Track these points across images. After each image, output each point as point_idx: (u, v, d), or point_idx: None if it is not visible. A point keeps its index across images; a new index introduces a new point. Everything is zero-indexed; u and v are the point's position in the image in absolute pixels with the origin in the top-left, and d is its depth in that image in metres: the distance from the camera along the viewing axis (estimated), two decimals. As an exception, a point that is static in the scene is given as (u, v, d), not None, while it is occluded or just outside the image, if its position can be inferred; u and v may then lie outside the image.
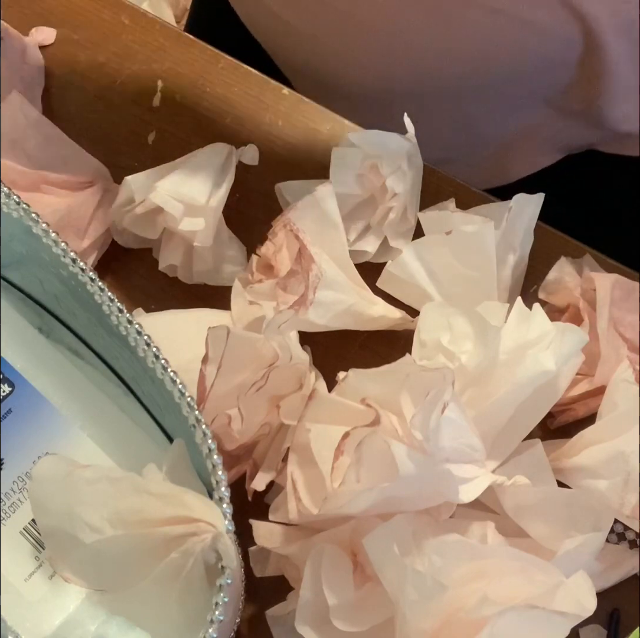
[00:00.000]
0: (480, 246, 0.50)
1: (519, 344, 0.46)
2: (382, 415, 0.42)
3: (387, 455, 0.41)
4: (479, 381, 0.47)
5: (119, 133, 0.60)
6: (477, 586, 0.41)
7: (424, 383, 0.43)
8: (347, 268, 0.53)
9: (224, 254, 0.55)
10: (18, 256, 0.51)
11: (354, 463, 0.42)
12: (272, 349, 0.47)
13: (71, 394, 0.50)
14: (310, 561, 0.44)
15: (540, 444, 0.47)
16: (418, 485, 0.42)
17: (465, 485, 0.44)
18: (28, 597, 0.45)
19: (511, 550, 0.43)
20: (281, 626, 0.48)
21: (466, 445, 0.44)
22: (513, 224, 0.53)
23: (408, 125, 0.55)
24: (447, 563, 0.42)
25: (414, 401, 0.43)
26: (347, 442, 0.43)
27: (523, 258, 0.54)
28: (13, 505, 0.47)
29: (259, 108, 0.60)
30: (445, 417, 0.42)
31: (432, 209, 0.55)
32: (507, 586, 0.42)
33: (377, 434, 0.41)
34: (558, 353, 0.46)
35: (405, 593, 0.41)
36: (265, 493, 0.49)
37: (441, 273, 0.52)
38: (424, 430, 0.42)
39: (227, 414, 0.46)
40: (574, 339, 0.47)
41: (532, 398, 0.47)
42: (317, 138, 0.59)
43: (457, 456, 0.43)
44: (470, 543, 0.43)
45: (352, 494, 0.41)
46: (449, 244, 0.51)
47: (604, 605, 0.47)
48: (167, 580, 0.41)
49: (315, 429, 0.44)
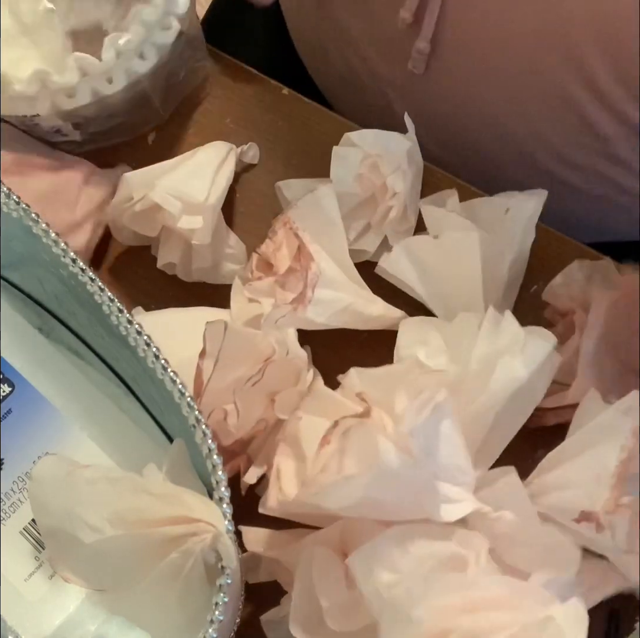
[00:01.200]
0: (466, 251, 0.51)
1: (490, 352, 0.47)
2: (374, 410, 0.42)
3: (372, 447, 0.40)
4: (455, 393, 0.46)
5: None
6: (458, 620, 0.41)
7: (419, 384, 0.43)
8: (347, 267, 0.53)
9: (223, 252, 0.55)
10: (18, 256, 0.51)
11: (338, 452, 0.41)
12: (269, 345, 0.47)
13: (71, 394, 0.50)
14: (301, 564, 0.44)
15: (514, 472, 0.45)
16: (400, 488, 0.42)
17: (449, 504, 0.43)
18: (28, 597, 0.46)
19: (500, 578, 0.43)
20: (276, 630, 0.48)
21: (456, 466, 0.43)
22: (512, 221, 0.53)
23: (408, 124, 0.55)
24: (427, 594, 0.41)
25: (407, 400, 0.43)
26: (335, 431, 0.42)
27: (523, 254, 0.54)
28: (13, 505, 0.47)
29: (259, 108, 0.60)
30: (441, 432, 0.42)
31: (432, 197, 0.55)
32: (491, 619, 0.41)
33: (365, 425, 0.41)
34: (528, 359, 0.46)
35: (382, 620, 0.41)
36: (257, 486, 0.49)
37: (429, 272, 0.52)
38: (411, 426, 0.41)
39: (224, 409, 0.46)
40: (542, 345, 0.47)
41: (511, 405, 0.47)
42: (317, 138, 0.59)
43: (445, 475, 0.43)
44: (456, 574, 0.43)
45: (331, 482, 0.41)
46: (437, 247, 0.51)
47: (604, 606, 0.47)
48: (167, 580, 0.41)
49: (306, 418, 0.44)
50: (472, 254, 0.51)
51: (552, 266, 0.54)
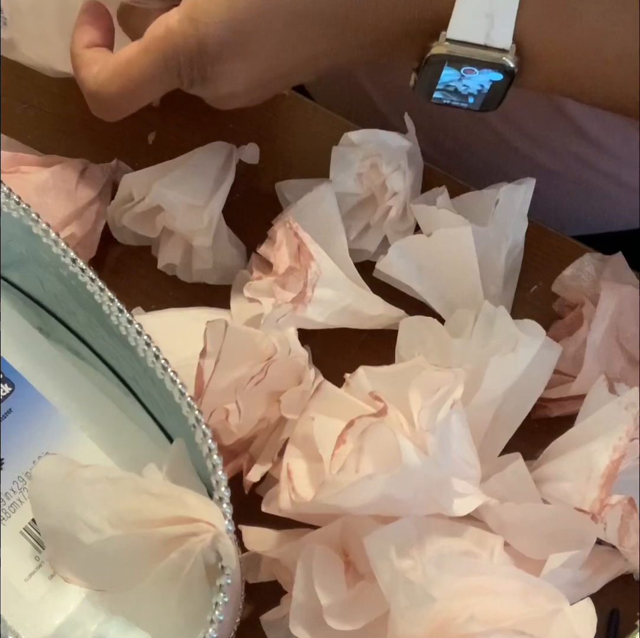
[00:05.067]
0: (460, 246, 0.51)
1: (483, 350, 0.47)
2: (390, 408, 0.42)
3: (391, 445, 0.41)
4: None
5: (119, 133, 0.60)
6: (469, 602, 0.41)
7: (434, 381, 0.43)
8: (347, 267, 0.53)
9: (224, 254, 0.55)
10: (18, 256, 0.51)
11: (356, 451, 0.41)
12: (271, 344, 0.47)
13: (71, 394, 0.50)
14: (301, 562, 0.44)
15: (521, 458, 0.46)
16: (417, 486, 0.42)
17: (459, 499, 0.43)
18: (28, 597, 0.45)
19: (513, 570, 0.43)
20: (277, 630, 0.48)
21: (464, 459, 0.44)
22: (503, 212, 0.53)
23: (408, 124, 0.55)
24: (441, 576, 0.42)
25: (422, 398, 0.43)
26: (351, 431, 0.42)
27: (517, 244, 0.55)
28: (13, 505, 0.47)
29: (259, 108, 0.60)
30: (454, 428, 0.42)
31: (422, 196, 0.55)
32: (501, 605, 0.41)
33: (383, 424, 0.41)
34: (519, 357, 0.46)
35: (396, 599, 0.41)
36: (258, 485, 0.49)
37: (427, 271, 0.52)
38: (430, 424, 0.41)
39: (225, 408, 0.46)
40: (532, 341, 0.47)
41: (509, 401, 0.47)
42: (317, 137, 0.59)
43: (455, 468, 0.43)
44: (470, 559, 0.43)
45: (350, 481, 0.41)
46: (431, 245, 0.51)
47: (604, 605, 0.47)
48: (167, 580, 0.41)
49: (319, 419, 0.44)
50: (467, 248, 0.51)
51: (551, 266, 0.54)
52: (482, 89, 0.48)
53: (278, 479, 0.45)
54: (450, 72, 0.47)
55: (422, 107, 0.54)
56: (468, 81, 0.47)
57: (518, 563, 0.45)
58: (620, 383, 0.47)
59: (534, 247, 0.55)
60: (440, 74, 0.47)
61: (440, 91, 0.49)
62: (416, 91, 0.49)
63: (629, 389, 0.46)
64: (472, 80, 0.47)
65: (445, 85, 0.48)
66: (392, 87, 0.68)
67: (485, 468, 0.46)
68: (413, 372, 0.43)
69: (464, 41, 0.46)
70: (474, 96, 0.49)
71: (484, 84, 0.47)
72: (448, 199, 0.53)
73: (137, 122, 0.60)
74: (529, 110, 0.63)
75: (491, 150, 0.67)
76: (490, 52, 0.46)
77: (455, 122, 0.66)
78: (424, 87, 0.49)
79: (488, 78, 0.47)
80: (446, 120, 0.65)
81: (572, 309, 0.53)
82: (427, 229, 0.52)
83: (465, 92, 0.48)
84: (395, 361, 0.50)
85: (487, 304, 0.49)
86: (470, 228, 0.50)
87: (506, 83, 0.47)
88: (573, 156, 0.66)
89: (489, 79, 0.47)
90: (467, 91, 0.48)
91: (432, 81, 0.48)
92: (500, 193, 0.53)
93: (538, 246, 0.55)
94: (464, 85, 0.48)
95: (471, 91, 0.48)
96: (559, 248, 0.56)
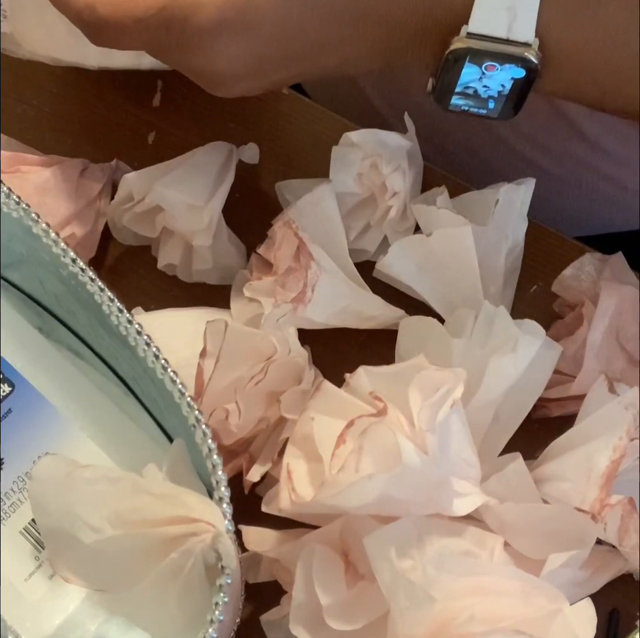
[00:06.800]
0: (460, 246, 0.51)
1: (483, 351, 0.47)
2: (390, 408, 0.42)
3: (391, 445, 0.41)
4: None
5: (119, 133, 0.60)
6: (469, 602, 0.41)
7: (434, 381, 0.43)
8: (347, 267, 0.53)
9: (224, 254, 0.55)
10: (18, 256, 0.51)
11: (356, 451, 0.41)
12: (271, 344, 0.47)
13: (71, 394, 0.50)
14: (301, 562, 0.44)
15: (521, 458, 0.46)
16: (417, 486, 0.42)
17: (459, 499, 0.43)
18: (28, 597, 0.46)
19: (513, 570, 0.43)
20: (277, 630, 0.48)
21: (464, 459, 0.44)
22: (503, 212, 0.53)
23: (408, 124, 0.55)
24: (441, 576, 0.42)
25: (422, 398, 0.43)
26: (351, 430, 0.42)
27: (517, 244, 0.55)
28: (13, 505, 0.47)
29: (259, 108, 0.60)
30: (453, 428, 0.42)
31: (422, 196, 0.55)
32: (501, 606, 0.41)
33: (384, 424, 0.41)
34: (518, 357, 0.46)
35: (396, 599, 0.41)
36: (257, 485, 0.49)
37: (427, 271, 0.52)
38: (429, 424, 0.42)
39: (225, 408, 0.46)
40: (532, 341, 0.47)
41: (509, 401, 0.47)
42: (317, 137, 0.59)
43: (455, 468, 0.43)
44: (470, 559, 0.43)
45: (350, 481, 0.41)
46: (431, 245, 0.51)
47: (604, 605, 0.47)
48: (167, 580, 0.41)
49: (319, 418, 0.44)
50: (467, 248, 0.51)
51: (551, 266, 0.54)
52: (503, 90, 0.46)
53: (278, 479, 0.45)
54: (471, 69, 0.45)
55: (422, 110, 0.54)
56: (489, 80, 0.46)
57: (518, 563, 0.45)
58: (620, 383, 0.47)
59: (534, 247, 0.55)
60: (461, 72, 0.45)
61: (459, 95, 0.47)
62: (434, 97, 0.48)
63: (629, 389, 0.47)
64: (493, 79, 0.46)
65: (464, 87, 0.46)
66: (392, 91, 0.68)
67: (485, 468, 0.46)
68: (413, 372, 0.43)
69: (486, 35, 0.44)
70: (494, 99, 0.47)
71: (505, 84, 0.46)
72: (448, 199, 0.53)
73: (137, 122, 0.60)
74: (529, 113, 0.63)
75: (491, 153, 0.67)
76: (513, 47, 0.44)
77: (455, 125, 0.66)
78: (442, 90, 0.47)
79: (510, 75, 0.45)
80: (446, 123, 0.65)
81: (572, 309, 0.53)
82: (427, 229, 0.52)
83: (485, 95, 0.47)
84: (395, 361, 0.50)
85: (487, 304, 0.49)
86: (470, 228, 0.50)
87: (528, 83, 0.46)
88: (573, 158, 0.66)
89: (511, 77, 0.45)
90: (487, 93, 0.47)
91: (451, 81, 0.46)
92: (500, 193, 0.53)
93: (538, 246, 0.55)
94: (484, 86, 0.46)
95: (491, 92, 0.47)
96: (559, 248, 0.56)
